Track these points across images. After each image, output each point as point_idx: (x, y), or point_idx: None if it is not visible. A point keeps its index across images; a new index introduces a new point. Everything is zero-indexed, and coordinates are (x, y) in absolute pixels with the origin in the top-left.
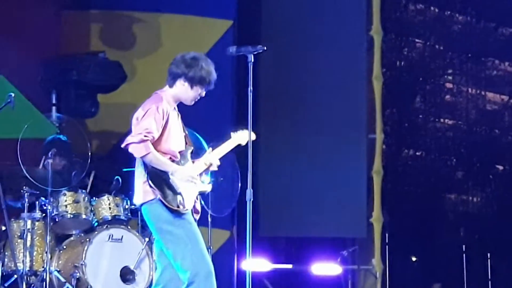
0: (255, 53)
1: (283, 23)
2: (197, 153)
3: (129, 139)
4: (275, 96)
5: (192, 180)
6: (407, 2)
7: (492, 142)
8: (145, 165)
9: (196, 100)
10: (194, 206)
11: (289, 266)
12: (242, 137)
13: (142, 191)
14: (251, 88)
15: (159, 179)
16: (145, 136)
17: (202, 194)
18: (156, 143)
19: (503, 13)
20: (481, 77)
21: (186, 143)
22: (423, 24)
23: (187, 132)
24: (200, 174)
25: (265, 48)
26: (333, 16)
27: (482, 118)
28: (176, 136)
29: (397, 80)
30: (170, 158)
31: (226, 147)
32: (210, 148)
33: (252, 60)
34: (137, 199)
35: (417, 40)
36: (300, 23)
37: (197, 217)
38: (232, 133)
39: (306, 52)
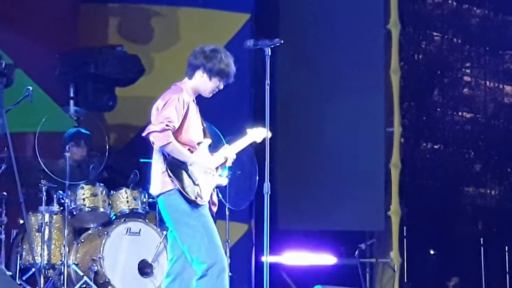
0: (273, 46)
1: (301, 16)
2: (215, 146)
3: (150, 127)
4: (293, 90)
5: (210, 172)
6: None
7: (510, 135)
8: (165, 155)
9: (214, 92)
10: (211, 198)
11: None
12: (257, 134)
13: (161, 181)
14: (269, 82)
15: (178, 169)
16: (166, 125)
17: (219, 187)
18: (176, 133)
19: None
20: (499, 70)
21: (204, 136)
22: (441, 17)
23: (205, 125)
24: (216, 168)
25: (283, 41)
26: (351, 9)
27: (500, 111)
28: (195, 127)
29: (415, 74)
30: (189, 149)
31: (241, 143)
32: (226, 145)
33: (270, 54)
34: (155, 189)
35: (435, 34)
36: (318, 17)
37: (215, 209)
38: (248, 130)
39: (323, 46)
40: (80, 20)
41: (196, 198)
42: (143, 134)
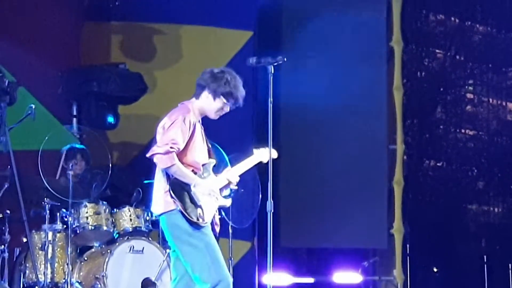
0: (275, 64)
1: (303, 33)
2: (218, 166)
3: (154, 149)
4: (296, 107)
5: (214, 194)
6: (427, 13)
7: None
8: (168, 176)
9: (220, 114)
10: (213, 219)
11: (311, 280)
12: (264, 154)
13: (163, 200)
14: (271, 100)
15: (181, 190)
16: (171, 147)
17: (223, 208)
18: (180, 154)
19: None
20: (502, 87)
21: (209, 156)
22: (444, 34)
23: (210, 146)
24: (221, 189)
25: (285, 59)
26: (353, 27)
27: (503, 128)
28: (200, 149)
29: (418, 91)
30: (193, 170)
31: (247, 164)
32: (229, 167)
33: (273, 71)
34: (157, 209)
35: (437, 51)
36: (320, 34)
37: (218, 229)
38: (254, 149)
39: (326, 63)
40: (83, 38)
41: (198, 219)
42: (148, 155)
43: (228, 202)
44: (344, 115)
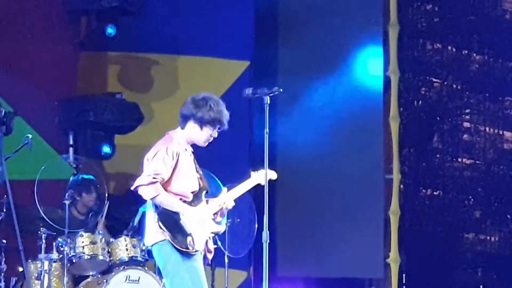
0: (271, 95)
1: (300, 64)
2: (212, 194)
3: (138, 181)
4: (292, 137)
5: (203, 222)
6: (424, 42)
7: (510, 181)
8: (156, 206)
9: (209, 141)
10: (206, 246)
11: None
12: (262, 176)
13: (154, 231)
14: (267, 130)
15: (170, 220)
16: (153, 178)
17: (217, 235)
18: (166, 184)
19: None
20: (499, 116)
21: (200, 184)
22: (441, 63)
23: (201, 173)
24: (216, 214)
25: (281, 90)
26: (350, 56)
27: (500, 157)
28: (187, 177)
29: (414, 120)
30: (181, 198)
31: (245, 186)
32: (225, 188)
33: (269, 102)
34: (148, 240)
35: (434, 80)
36: (317, 64)
37: (210, 256)
38: (252, 172)
39: (322, 93)
40: (80, 68)
41: (187, 248)
42: (132, 188)
43: (221, 228)
44: (341, 145)
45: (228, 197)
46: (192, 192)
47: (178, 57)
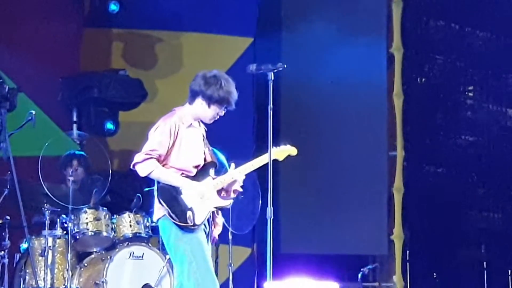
0: (275, 71)
1: (303, 40)
2: (219, 171)
3: (134, 159)
4: (296, 114)
5: (206, 196)
6: (428, 19)
7: None
8: (157, 182)
9: (215, 119)
10: (213, 221)
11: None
12: (280, 152)
13: (156, 207)
14: (272, 106)
15: (169, 195)
16: (146, 154)
17: (221, 210)
18: (166, 159)
19: None
20: (502, 93)
21: (205, 160)
22: (444, 40)
23: (210, 148)
24: (226, 191)
25: (285, 66)
26: (353, 33)
27: (503, 134)
28: (189, 152)
29: (418, 97)
30: (183, 173)
31: (260, 161)
32: (233, 164)
33: (273, 78)
34: (154, 215)
35: (437, 57)
36: (320, 40)
37: (217, 231)
38: (273, 148)
39: (326, 69)
40: (84, 45)
41: (186, 222)
42: (131, 167)
43: (226, 203)
44: (345, 122)
45: (241, 170)
46: (195, 167)
47: (182, 34)
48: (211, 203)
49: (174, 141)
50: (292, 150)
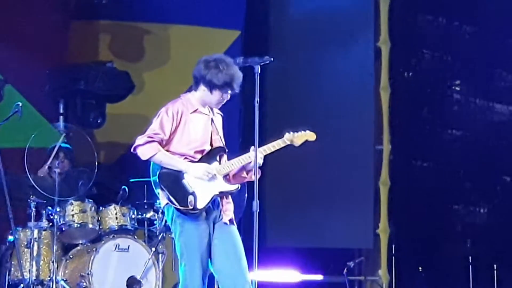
0: (262, 64)
1: (291, 33)
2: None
3: (136, 142)
4: (282, 107)
5: (207, 175)
6: (415, 13)
7: (500, 153)
8: (160, 167)
9: (222, 103)
10: (222, 206)
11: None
12: (297, 137)
13: (160, 194)
14: (258, 99)
15: (170, 179)
16: (149, 137)
17: (226, 194)
18: (168, 144)
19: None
20: (489, 88)
21: (212, 145)
22: (431, 35)
23: (220, 135)
24: (239, 172)
25: (272, 59)
26: (341, 27)
27: (490, 129)
28: (192, 137)
29: (405, 91)
30: (186, 158)
31: (276, 145)
32: (252, 147)
33: (259, 71)
34: (161, 202)
35: (425, 51)
36: (308, 35)
37: (226, 217)
38: (287, 133)
39: (313, 63)
40: (71, 37)
41: (186, 206)
42: (132, 150)
43: (232, 188)
44: (331, 115)
45: (245, 157)
46: (199, 152)
47: (169, 26)
48: (215, 187)
49: (177, 126)
50: (311, 135)
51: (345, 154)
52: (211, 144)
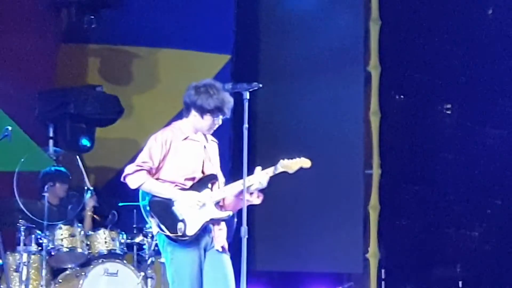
0: (251, 90)
1: (281, 58)
2: None
3: (125, 171)
4: (272, 133)
5: (200, 207)
6: (406, 37)
7: (491, 177)
8: (149, 196)
9: (213, 129)
10: (213, 232)
11: None
12: (291, 165)
13: (152, 222)
14: (247, 125)
15: (160, 206)
16: (137, 166)
17: (217, 221)
18: (158, 172)
19: (504, 47)
20: (480, 111)
21: (203, 172)
22: (422, 58)
23: (212, 162)
24: (224, 203)
25: (261, 85)
26: (331, 52)
27: (481, 152)
28: (182, 165)
29: (395, 115)
30: (176, 185)
31: (268, 172)
32: (258, 167)
33: (248, 97)
34: (153, 230)
35: (416, 75)
36: (298, 59)
37: (218, 244)
38: (281, 160)
39: (303, 88)
40: (60, 60)
41: (175, 232)
42: (122, 179)
43: (224, 215)
44: (321, 140)
45: (238, 184)
46: (189, 179)
47: (158, 50)
48: (206, 214)
49: (166, 154)
50: (305, 162)
51: (335, 178)
52: (202, 172)
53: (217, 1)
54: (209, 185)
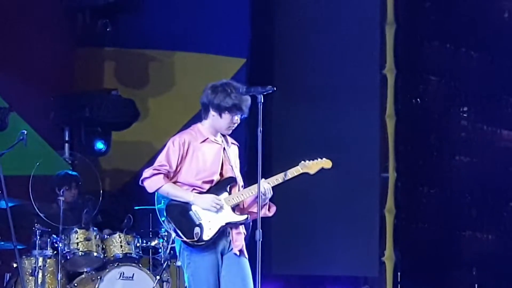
0: (265, 93)
1: (296, 61)
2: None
3: (143, 174)
4: (288, 136)
5: (215, 206)
6: (421, 40)
7: (506, 180)
8: (167, 200)
9: (232, 128)
10: (232, 237)
11: None
12: (313, 166)
13: (169, 226)
14: (261, 129)
15: (177, 211)
16: (155, 169)
17: (235, 225)
18: (176, 175)
19: None
20: (497, 114)
21: (222, 175)
22: (438, 61)
23: (232, 165)
24: (241, 206)
25: (275, 88)
26: (346, 54)
27: (497, 156)
28: (201, 166)
29: (411, 118)
30: (194, 189)
31: (290, 174)
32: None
33: (262, 101)
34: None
35: (431, 78)
36: (313, 62)
37: (236, 247)
38: (302, 161)
39: (318, 91)
40: (76, 64)
41: (192, 238)
42: (140, 183)
43: (241, 218)
44: (337, 144)
45: (267, 182)
46: (207, 182)
47: (174, 53)
48: (223, 218)
49: (184, 157)
50: (327, 163)
51: (350, 181)
52: (221, 174)
53: (233, 4)
54: (228, 188)
